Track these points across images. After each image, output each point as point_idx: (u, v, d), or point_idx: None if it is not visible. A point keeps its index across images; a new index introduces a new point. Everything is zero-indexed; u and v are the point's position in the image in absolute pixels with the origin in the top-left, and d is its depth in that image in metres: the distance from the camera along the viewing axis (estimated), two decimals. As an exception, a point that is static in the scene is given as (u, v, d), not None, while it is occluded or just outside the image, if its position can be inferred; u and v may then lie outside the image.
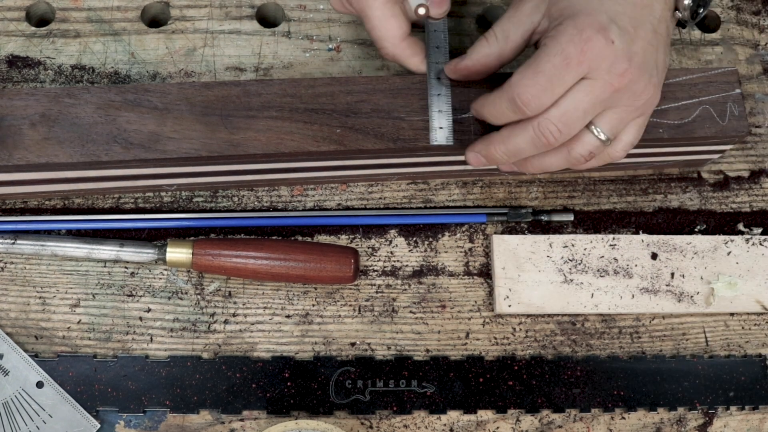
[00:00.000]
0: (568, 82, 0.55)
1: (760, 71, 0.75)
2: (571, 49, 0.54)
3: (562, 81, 0.55)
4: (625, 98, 0.56)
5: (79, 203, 0.67)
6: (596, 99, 0.55)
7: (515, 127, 0.58)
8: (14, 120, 0.60)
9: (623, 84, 0.55)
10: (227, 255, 0.63)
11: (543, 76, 0.55)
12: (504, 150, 0.59)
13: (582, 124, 0.57)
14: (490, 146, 0.59)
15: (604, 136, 0.57)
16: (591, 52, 0.54)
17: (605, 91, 0.55)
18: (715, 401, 0.66)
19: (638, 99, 0.57)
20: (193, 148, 0.60)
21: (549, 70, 0.54)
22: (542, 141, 0.57)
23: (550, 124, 0.56)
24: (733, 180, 0.72)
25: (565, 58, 0.54)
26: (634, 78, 0.56)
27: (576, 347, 0.67)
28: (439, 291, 0.67)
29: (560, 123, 0.56)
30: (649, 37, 0.57)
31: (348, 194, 0.69)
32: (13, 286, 0.65)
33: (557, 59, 0.54)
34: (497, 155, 0.59)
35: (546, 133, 0.56)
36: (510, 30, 0.60)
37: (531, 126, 0.56)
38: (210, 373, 0.63)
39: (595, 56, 0.54)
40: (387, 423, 0.64)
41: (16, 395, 0.61)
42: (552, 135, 0.56)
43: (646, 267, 0.68)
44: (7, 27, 0.70)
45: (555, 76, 0.55)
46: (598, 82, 0.55)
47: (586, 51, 0.54)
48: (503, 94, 0.56)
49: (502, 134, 0.58)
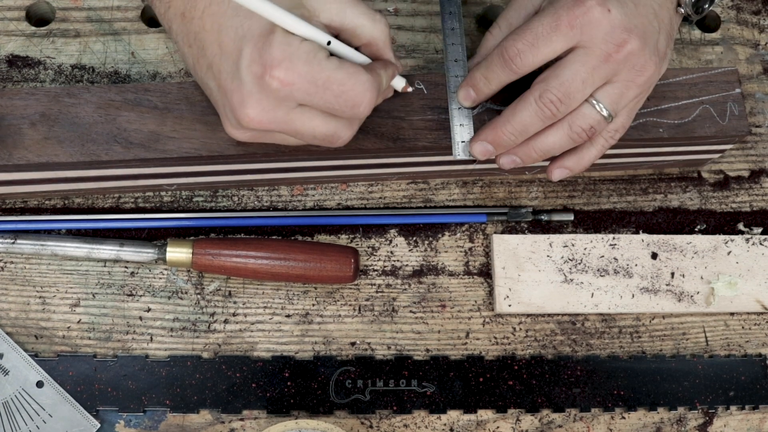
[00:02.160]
0: (556, 44, 0.56)
1: (760, 71, 0.75)
2: (564, 12, 0.55)
3: (549, 41, 0.55)
4: (625, 72, 0.56)
5: (79, 203, 0.67)
6: (593, 68, 0.56)
7: (517, 103, 0.58)
8: (14, 120, 0.60)
9: (621, 55, 0.56)
10: (227, 255, 0.63)
11: (531, 33, 0.56)
12: (511, 129, 0.58)
13: (582, 95, 0.57)
14: (496, 129, 0.59)
15: (605, 111, 0.57)
16: (584, 17, 0.55)
17: (602, 60, 0.56)
18: (715, 401, 0.66)
19: (639, 75, 0.57)
20: (193, 148, 0.60)
21: (537, 28, 0.56)
22: (546, 112, 0.57)
23: (551, 93, 0.56)
24: (733, 180, 0.72)
25: (556, 19, 0.55)
26: (634, 51, 0.56)
27: (576, 347, 0.67)
28: (439, 291, 0.67)
29: (560, 92, 0.56)
30: (650, 17, 0.57)
31: (348, 194, 0.69)
32: (13, 285, 0.65)
33: (548, 19, 0.56)
34: (504, 137, 0.59)
35: (548, 104, 0.56)
36: (512, 17, 0.62)
37: (533, 98, 0.57)
38: (210, 372, 0.63)
39: (589, 22, 0.55)
40: (387, 423, 0.64)
41: (16, 395, 0.61)
42: (554, 105, 0.56)
43: (646, 267, 0.68)
44: (7, 27, 0.70)
45: (542, 35, 0.55)
46: (595, 51, 0.55)
47: (579, 16, 0.55)
48: (494, 51, 0.58)
49: (505, 114, 0.58)
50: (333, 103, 0.52)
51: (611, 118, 0.58)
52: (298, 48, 0.51)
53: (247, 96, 0.51)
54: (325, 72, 0.51)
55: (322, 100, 0.52)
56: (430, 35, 0.73)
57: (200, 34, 0.54)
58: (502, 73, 0.58)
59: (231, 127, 0.55)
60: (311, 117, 0.54)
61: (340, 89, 0.52)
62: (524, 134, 0.59)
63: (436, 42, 0.73)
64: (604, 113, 0.57)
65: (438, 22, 0.73)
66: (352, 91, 0.52)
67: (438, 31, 0.73)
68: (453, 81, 0.63)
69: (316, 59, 0.51)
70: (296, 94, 0.51)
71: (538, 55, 0.56)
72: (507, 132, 0.59)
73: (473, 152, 0.61)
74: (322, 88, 0.51)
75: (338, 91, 0.52)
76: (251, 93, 0.51)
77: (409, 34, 0.73)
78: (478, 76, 0.59)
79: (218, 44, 0.53)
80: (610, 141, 0.61)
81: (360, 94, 0.52)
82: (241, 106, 0.52)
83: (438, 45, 0.73)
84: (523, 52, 0.56)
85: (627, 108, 0.59)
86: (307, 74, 0.51)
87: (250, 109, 0.52)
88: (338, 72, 0.51)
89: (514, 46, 0.56)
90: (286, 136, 0.56)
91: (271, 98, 0.52)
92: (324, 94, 0.52)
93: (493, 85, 0.59)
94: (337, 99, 0.52)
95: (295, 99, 0.52)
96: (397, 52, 0.72)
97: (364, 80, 0.52)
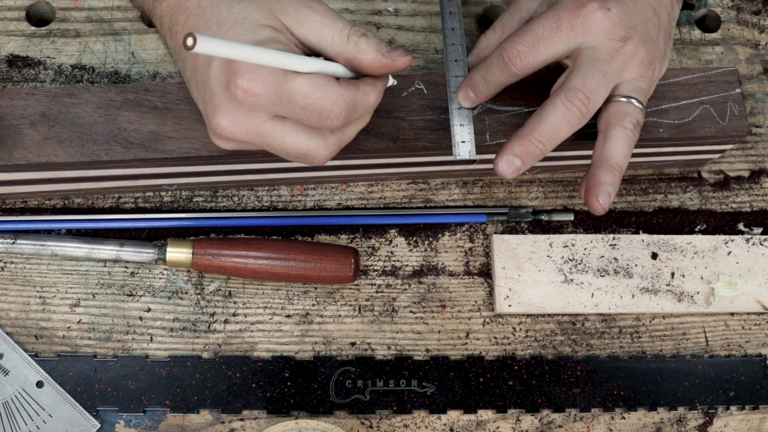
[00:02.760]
0: (557, 45, 0.56)
1: (760, 71, 0.75)
2: (564, 13, 0.55)
3: (550, 42, 0.55)
4: (635, 67, 0.57)
5: (79, 203, 0.67)
6: (606, 63, 0.56)
7: (542, 110, 0.56)
8: (14, 120, 0.60)
9: (627, 50, 0.56)
10: (227, 255, 0.63)
11: (531, 34, 0.56)
12: (539, 137, 0.55)
13: (605, 89, 0.56)
14: (524, 139, 0.56)
15: (639, 104, 0.57)
16: (585, 18, 0.55)
17: (611, 56, 0.56)
18: (715, 401, 0.66)
19: (648, 69, 0.57)
20: (193, 148, 0.60)
21: (538, 29, 0.56)
22: (574, 112, 0.55)
23: (576, 91, 0.55)
24: (733, 180, 0.72)
25: (556, 21, 0.55)
26: (638, 45, 0.56)
27: (576, 347, 0.67)
28: (439, 291, 0.67)
29: (586, 88, 0.55)
30: (649, 14, 0.57)
31: (348, 194, 0.69)
32: (13, 285, 0.65)
33: (548, 21, 0.56)
34: (533, 146, 0.56)
35: (576, 102, 0.55)
36: (507, 20, 0.62)
37: (559, 100, 0.55)
38: (210, 372, 0.63)
39: (590, 22, 0.55)
40: (387, 423, 0.64)
41: (16, 395, 0.61)
42: (582, 102, 0.55)
43: (646, 267, 0.68)
44: (7, 27, 0.70)
45: (543, 36, 0.55)
46: (601, 48, 0.56)
47: (579, 16, 0.55)
48: (494, 52, 0.58)
49: (531, 123, 0.56)
50: (300, 115, 0.51)
51: (645, 109, 0.58)
52: None
53: (218, 106, 0.51)
54: (290, 83, 0.49)
55: (288, 111, 0.51)
56: (430, 35, 0.73)
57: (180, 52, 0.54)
58: (501, 75, 0.58)
59: (213, 137, 0.55)
60: (285, 131, 0.52)
61: (305, 101, 0.50)
62: (553, 141, 0.56)
63: (436, 42, 0.73)
64: (640, 106, 0.57)
65: (438, 22, 0.73)
66: (317, 103, 0.50)
67: (438, 31, 0.73)
68: (453, 81, 0.63)
69: (282, 70, 0.50)
70: (262, 104, 0.50)
71: (539, 56, 0.56)
72: (535, 140, 0.56)
73: (500, 170, 0.56)
74: (287, 100, 0.50)
75: (303, 102, 0.50)
76: (220, 103, 0.51)
77: (409, 34, 0.73)
78: (478, 78, 0.59)
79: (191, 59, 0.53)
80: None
81: (325, 107, 0.50)
82: (213, 115, 0.52)
83: (438, 45, 0.73)
84: (523, 53, 0.56)
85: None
86: (271, 84, 0.49)
87: (220, 119, 0.52)
88: (304, 83, 0.50)
89: (514, 47, 0.56)
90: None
91: (239, 108, 0.51)
92: (289, 105, 0.50)
93: (492, 86, 0.59)
94: (304, 111, 0.50)
95: (262, 109, 0.51)
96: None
97: (333, 93, 0.50)
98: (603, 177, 0.57)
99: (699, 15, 0.77)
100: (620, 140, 0.57)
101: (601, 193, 0.56)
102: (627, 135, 0.57)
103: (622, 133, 0.57)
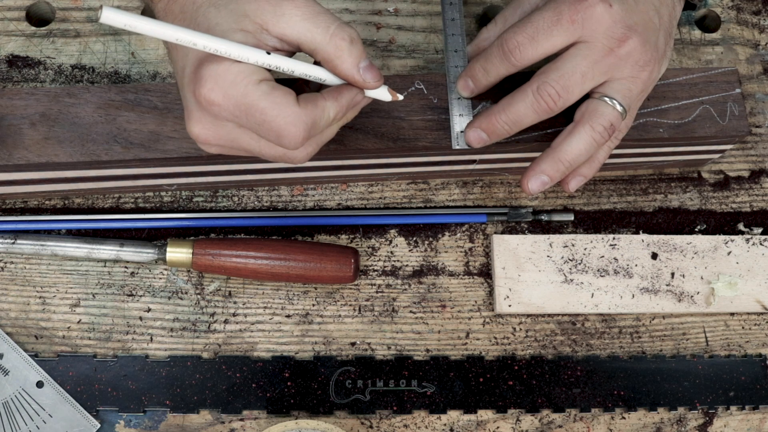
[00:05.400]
0: (556, 38, 0.56)
1: (760, 71, 0.75)
2: (566, 7, 0.55)
3: (550, 35, 0.55)
4: (629, 67, 0.56)
5: (79, 203, 0.67)
6: (594, 62, 0.56)
7: (515, 94, 0.58)
8: (14, 120, 0.60)
9: (623, 50, 0.56)
10: (227, 255, 0.63)
11: (531, 26, 0.56)
12: (505, 119, 0.58)
13: (581, 89, 0.56)
14: (491, 117, 0.59)
15: (620, 107, 0.57)
16: (585, 12, 0.55)
17: (604, 55, 0.56)
18: (715, 401, 0.66)
19: (642, 70, 0.57)
20: (193, 148, 0.60)
21: (538, 21, 0.56)
22: (542, 105, 0.56)
23: (549, 86, 0.56)
24: (733, 180, 0.72)
25: (557, 14, 0.55)
26: (636, 46, 0.56)
27: (576, 347, 0.67)
28: (439, 291, 0.67)
29: (558, 85, 0.56)
30: (650, 13, 0.57)
31: (348, 194, 0.69)
32: (13, 285, 0.65)
33: (549, 13, 0.56)
34: (498, 125, 0.59)
35: (545, 96, 0.56)
36: (509, 14, 0.62)
37: (530, 90, 0.56)
38: (210, 372, 0.63)
39: (590, 17, 0.55)
40: (387, 423, 0.64)
41: (16, 395, 0.61)
42: (551, 98, 0.56)
43: (646, 267, 0.68)
44: (7, 27, 0.70)
45: (543, 29, 0.55)
46: (597, 45, 0.55)
47: (580, 10, 0.55)
48: (494, 43, 0.58)
49: (501, 104, 0.58)
50: (258, 130, 0.50)
51: (625, 114, 0.58)
52: (227, 69, 0.49)
53: (191, 113, 0.51)
54: (249, 97, 0.49)
55: (248, 124, 0.50)
56: (430, 35, 0.73)
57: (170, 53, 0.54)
58: (501, 66, 0.58)
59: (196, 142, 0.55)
60: (257, 137, 0.52)
61: (261, 118, 0.49)
62: (518, 125, 0.58)
63: (436, 42, 0.73)
64: (619, 109, 0.57)
65: (438, 22, 0.73)
66: (273, 122, 0.49)
67: (438, 32, 0.73)
68: (453, 71, 0.62)
69: (243, 82, 0.49)
70: (224, 114, 0.50)
71: (538, 48, 0.56)
72: (501, 121, 0.58)
73: (467, 139, 0.60)
74: (245, 114, 0.49)
75: (260, 119, 0.49)
76: (192, 111, 0.51)
77: (409, 34, 0.73)
78: (477, 68, 0.59)
79: (175, 62, 0.53)
80: (615, 142, 0.61)
81: (282, 127, 0.49)
82: (188, 123, 0.52)
83: (438, 45, 0.73)
84: (522, 44, 0.56)
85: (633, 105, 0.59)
86: (232, 97, 0.49)
87: (193, 126, 0.51)
88: (262, 100, 0.49)
89: (514, 38, 0.56)
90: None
91: (208, 116, 0.51)
92: (248, 119, 0.49)
93: (492, 77, 0.59)
94: (260, 127, 0.50)
95: (225, 119, 0.50)
96: (397, 52, 0.72)
97: (289, 113, 0.49)
98: (545, 165, 0.59)
99: (699, 15, 0.77)
100: (582, 139, 0.58)
101: (535, 179, 0.59)
102: (592, 136, 0.57)
103: (587, 132, 0.57)
